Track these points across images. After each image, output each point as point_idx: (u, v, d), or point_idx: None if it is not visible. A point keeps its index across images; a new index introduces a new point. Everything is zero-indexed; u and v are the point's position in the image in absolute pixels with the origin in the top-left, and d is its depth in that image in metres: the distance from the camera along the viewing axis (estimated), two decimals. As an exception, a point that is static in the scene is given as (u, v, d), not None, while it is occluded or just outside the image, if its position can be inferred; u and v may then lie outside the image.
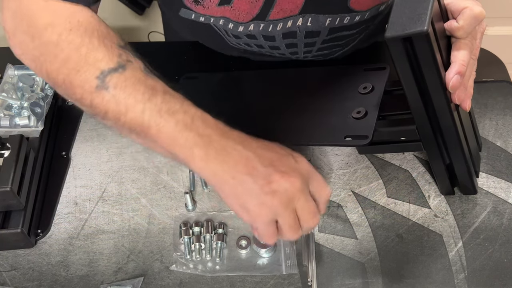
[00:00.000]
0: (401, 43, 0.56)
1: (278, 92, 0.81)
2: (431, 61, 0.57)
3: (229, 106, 0.81)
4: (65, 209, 0.77)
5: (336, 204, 0.76)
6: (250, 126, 0.76)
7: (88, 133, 0.87)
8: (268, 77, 0.85)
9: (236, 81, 0.87)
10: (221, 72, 0.90)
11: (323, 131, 0.71)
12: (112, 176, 0.81)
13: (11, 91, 0.82)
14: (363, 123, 0.68)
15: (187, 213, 0.76)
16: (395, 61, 0.59)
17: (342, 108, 0.72)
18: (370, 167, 0.79)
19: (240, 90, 0.85)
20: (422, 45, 0.56)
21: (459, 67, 0.60)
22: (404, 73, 0.59)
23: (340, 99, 0.73)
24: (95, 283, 0.70)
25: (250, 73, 0.87)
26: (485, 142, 0.81)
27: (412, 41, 0.56)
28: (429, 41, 0.55)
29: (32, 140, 0.78)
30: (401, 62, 0.58)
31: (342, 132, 0.69)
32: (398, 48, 0.57)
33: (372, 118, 0.68)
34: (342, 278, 0.68)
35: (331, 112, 0.73)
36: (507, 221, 0.72)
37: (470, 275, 0.68)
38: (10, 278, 0.70)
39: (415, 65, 0.59)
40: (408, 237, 0.72)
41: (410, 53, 0.57)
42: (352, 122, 0.69)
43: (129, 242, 0.74)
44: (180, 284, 0.69)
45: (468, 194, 0.75)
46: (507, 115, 0.84)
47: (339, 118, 0.71)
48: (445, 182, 0.73)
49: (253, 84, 0.86)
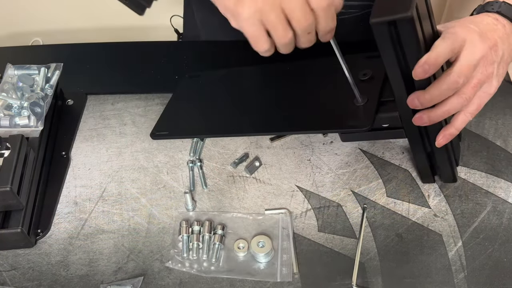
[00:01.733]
0: (386, 28, 0.57)
1: (279, 85, 0.83)
2: (414, 46, 0.58)
3: (233, 101, 0.83)
4: (65, 209, 0.77)
5: (336, 203, 0.76)
6: (253, 117, 0.78)
7: (88, 133, 0.87)
8: (269, 71, 0.86)
9: (237, 77, 0.88)
10: (222, 69, 0.91)
11: (324, 119, 0.72)
12: (112, 176, 0.81)
13: (11, 91, 0.82)
14: (363, 110, 0.69)
15: (187, 212, 0.76)
16: (380, 46, 0.59)
17: (343, 96, 0.72)
18: (370, 167, 0.79)
19: (242, 85, 0.87)
20: (406, 29, 0.56)
21: (428, 57, 0.58)
22: (388, 58, 0.60)
23: (342, 87, 0.73)
24: (95, 283, 0.70)
25: (251, 69, 0.89)
26: (485, 142, 0.81)
27: (396, 26, 0.57)
28: (413, 25, 0.56)
29: (32, 140, 0.78)
30: (385, 47, 0.59)
31: (342, 119, 0.70)
32: (383, 33, 0.58)
33: (373, 104, 0.69)
34: (342, 277, 0.68)
35: (332, 100, 0.74)
36: (507, 221, 0.72)
37: (469, 274, 0.68)
38: (10, 278, 0.70)
39: (399, 50, 0.59)
40: (408, 237, 0.72)
41: (394, 38, 0.58)
42: (353, 109, 0.70)
43: (129, 241, 0.74)
44: (180, 283, 0.69)
45: (448, 182, 0.76)
46: (507, 115, 0.84)
47: (341, 106, 0.72)
48: (426, 170, 0.74)
49: (254, 78, 0.87)
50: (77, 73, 0.95)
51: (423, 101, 0.61)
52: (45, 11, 1.87)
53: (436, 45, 0.60)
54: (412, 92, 0.62)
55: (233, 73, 0.90)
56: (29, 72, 0.85)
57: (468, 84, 0.62)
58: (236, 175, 0.80)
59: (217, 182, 0.79)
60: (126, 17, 1.22)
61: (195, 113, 0.84)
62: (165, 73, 0.95)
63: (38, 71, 0.85)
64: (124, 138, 0.86)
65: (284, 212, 0.75)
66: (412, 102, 0.62)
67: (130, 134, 0.86)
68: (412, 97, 0.62)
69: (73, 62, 0.96)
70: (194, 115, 0.84)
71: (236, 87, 0.87)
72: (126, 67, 0.97)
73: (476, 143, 0.81)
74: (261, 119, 0.78)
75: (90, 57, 0.99)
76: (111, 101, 0.91)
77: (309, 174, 0.79)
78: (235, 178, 0.80)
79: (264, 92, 0.84)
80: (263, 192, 0.78)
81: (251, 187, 0.79)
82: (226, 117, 0.81)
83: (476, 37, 0.62)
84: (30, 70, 0.85)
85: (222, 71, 0.91)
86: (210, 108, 0.84)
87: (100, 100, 0.92)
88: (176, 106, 0.86)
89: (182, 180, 0.80)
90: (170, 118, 0.84)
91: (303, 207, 0.76)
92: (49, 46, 1.06)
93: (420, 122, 0.64)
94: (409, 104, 0.63)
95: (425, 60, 0.58)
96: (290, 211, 0.75)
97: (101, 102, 0.91)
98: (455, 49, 0.60)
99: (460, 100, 0.62)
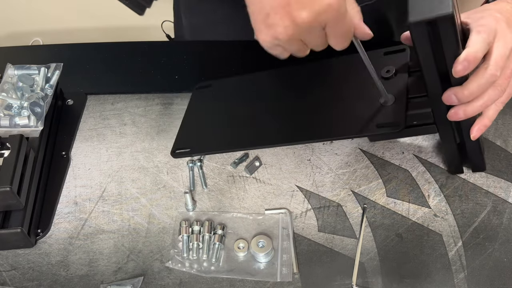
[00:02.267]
0: (425, 27, 0.57)
1: (296, 89, 0.80)
2: (454, 44, 0.57)
3: (251, 110, 0.80)
4: (65, 209, 0.77)
5: (336, 204, 0.76)
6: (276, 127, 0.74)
7: (88, 133, 0.87)
8: (283, 75, 0.83)
9: (250, 83, 0.85)
10: (233, 76, 0.88)
11: (352, 123, 0.69)
12: (112, 176, 0.81)
13: (11, 91, 0.82)
14: (392, 109, 0.67)
15: (187, 212, 0.76)
16: (417, 44, 0.59)
17: (368, 96, 0.70)
18: (370, 167, 0.79)
19: (256, 92, 0.83)
20: (447, 27, 0.56)
21: (467, 54, 0.58)
22: (425, 56, 0.59)
23: (364, 86, 0.71)
24: (95, 283, 0.70)
25: (264, 74, 0.85)
26: (485, 142, 0.81)
27: (436, 24, 0.56)
28: (453, 23, 0.55)
29: (32, 140, 0.78)
30: (423, 45, 0.58)
31: (372, 121, 0.67)
32: (422, 32, 0.57)
33: (402, 103, 0.67)
34: (342, 277, 0.68)
35: (357, 101, 0.71)
36: (507, 221, 0.72)
37: (469, 274, 0.68)
38: (10, 278, 0.70)
39: (435, 48, 0.59)
40: (408, 237, 0.72)
41: (432, 36, 0.57)
42: (381, 109, 0.68)
43: (129, 241, 0.74)
44: (180, 283, 0.69)
45: (478, 171, 0.76)
46: (507, 115, 0.84)
47: (367, 107, 0.69)
48: (455, 161, 0.74)
49: (269, 84, 0.84)
50: (77, 73, 0.95)
51: (461, 96, 0.61)
52: (45, 11, 1.88)
53: (473, 40, 0.59)
54: (446, 88, 0.62)
55: (245, 80, 0.86)
56: (29, 72, 0.85)
57: (502, 75, 0.61)
58: (236, 175, 0.80)
59: (217, 182, 0.79)
60: (126, 17, 1.22)
61: (213, 127, 0.81)
62: (165, 73, 0.95)
63: (38, 71, 0.85)
64: (124, 138, 0.86)
65: (284, 212, 0.75)
66: (449, 98, 0.61)
67: (130, 134, 0.86)
68: (449, 93, 0.61)
69: (73, 62, 0.96)
70: (212, 129, 0.80)
71: (251, 94, 0.83)
72: (126, 67, 0.97)
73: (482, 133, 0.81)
74: (286, 128, 0.74)
75: (90, 57, 0.99)
76: (111, 101, 0.91)
77: (309, 174, 0.79)
78: (235, 178, 0.80)
79: (282, 98, 0.79)
80: (263, 192, 0.78)
81: (251, 187, 0.79)
82: (248, 128, 0.77)
83: (505, 26, 0.62)
84: (30, 70, 0.85)
85: (233, 79, 0.86)
86: (228, 120, 0.80)
87: (100, 100, 0.92)
88: (192, 121, 0.83)
89: (182, 180, 0.80)
90: (188, 134, 0.81)
91: (303, 207, 0.76)
92: (49, 46, 1.06)
93: (456, 118, 0.63)
94: (445, 100, 0.62)
95: (464, 57, 0.58)
96: (290, 211, 0.75)
97: (101, 102, 0.91)
98: (490, 43, 0.60)
99: (496, 92, 0.62)
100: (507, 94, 0.65)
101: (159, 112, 0.89)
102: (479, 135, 0.66)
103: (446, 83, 0.62)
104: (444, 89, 0.62)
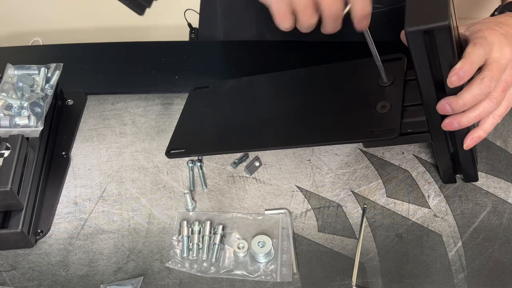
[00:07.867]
0: (421, 36, 0.57)
1: (293, 94, 0.80)
2: (450, 54, 0.58)
3: (247, 113, 0.80)
4: (65, 209, 0.77)
5: (335, 204, 0.76)
6: (271, 130, 0.74)
7: (88, 133, 0.87)
8: (281, 80, 0.83)
9: (247, 86, 0.85)
10: (231, 79, 0.88)
11: (348, 128, 0.70)
12: (112, 176, 0.81)
13: (11, 91, 0.82)
14: (388, 116, 0.67)
15: (187, 212, 0.76)
16: (414, 53, 0.59)
17: (364, 103, 0.71)
18: (370, 167, 0.79)
19: (253, 96, 0.83)
20: (443, 37, 0.56)
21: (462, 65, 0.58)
22: (421, 65, 0.60)
23: (361, 93, 0.72)
24: (95, 283, 0.70)
25: (261, 78, 0.85)
26: (484, 142, 0.81)
27: (433, 34, 0.56)
28: (450, 33, 0.56)
29: (32, 140, 0.78)
30: (419, 54, 0.58)
31: (368, 127, 0.68)
32: (418, 41, 0.57)
33: (397, 111, 0.67)
34: (341, 278, 0.68)
35: (353, 108, 0.72)
36: (507, 221, 0.72)
37: (469, 274, 0.68)
38: (10, 278, 0.70)
39: (431, 57, 0.59)
40: (408, 237, 0.72)
41: (428, 45, 0.58)
42: (377, 116, 0.68)
43: (129, 241, 0.74)
44: (180, 283, 0.69)
45: (470, 181, 0.76)
46: (507, 115, 0.84)
47: (363, 114, 0.70)
48: (449, 170, 0.74)
49: (266, 88, 0.84)
50: (77, 73, 0.95)
51: (455, 106, 0.61)
52: (45, 11, 1.88)
53: (469, 51, 0.59)
54: (441, 98, 0.62)
55: (242, 83, 0.86)
56: (29, 72, 0.85)
57: (497, 87, 0.62)
58: (236, 175, 0.80)
59: (217, 182, 0.79)
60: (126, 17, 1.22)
61: (208, 128, 0.80)
62: (165, 73, 0.95)
63: (38, 71, 0.85)
64: (124, 138, 0.86)
65: (284, 212, 0.75)
66: (443, 108, 0.61)
67: (130, 134, 0.86)
68: (443, 103, 0.61)
69: (73, 62, 0.96)
70: (208, 130, 0.80)
71: (248, 98, 0.83)
72: (126, 67, 0.97)
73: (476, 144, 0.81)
74: (281, 132, 0.74)
75: (90, 57, 0.99)
76: (111, 101, 0.91)
77: (309, 174, 0.79)
78: (235, 178, 0.80)
79: (278, 102, 0.80)
80: (263, 192, 0.78)
81: (251, 187, 0.79)
82: (243, 130, 0.77)
83: (504, 40, 0.62)
84: (30, 70, 0.85)
85: (230, 82, 0.87)
86: (223, 121, 0.80)
87: (100, 100, 0.92)
88: (188, 121, 0.83)
89: (182, 180, 0.80)
90: (184, 135, 0.80)
91: (303, 207, 0.76)
92: (49, 46, 1.06)
93: (450, 127, 0.63)
94: (439, 110, 0.62)
95: (459, 67, 0.58)
96: (290, 211, 0.75)
97: (101, 102, 0.91)
98: (487, 55, 0.60)
99: (491, 104, 0.62)
100: (504, 107, 0.64)
101: (159, 112, 0.89)
102: (472, 146, 0.66)
103: (441, 92, 0.62)
104: (439, 99, 0.62)
